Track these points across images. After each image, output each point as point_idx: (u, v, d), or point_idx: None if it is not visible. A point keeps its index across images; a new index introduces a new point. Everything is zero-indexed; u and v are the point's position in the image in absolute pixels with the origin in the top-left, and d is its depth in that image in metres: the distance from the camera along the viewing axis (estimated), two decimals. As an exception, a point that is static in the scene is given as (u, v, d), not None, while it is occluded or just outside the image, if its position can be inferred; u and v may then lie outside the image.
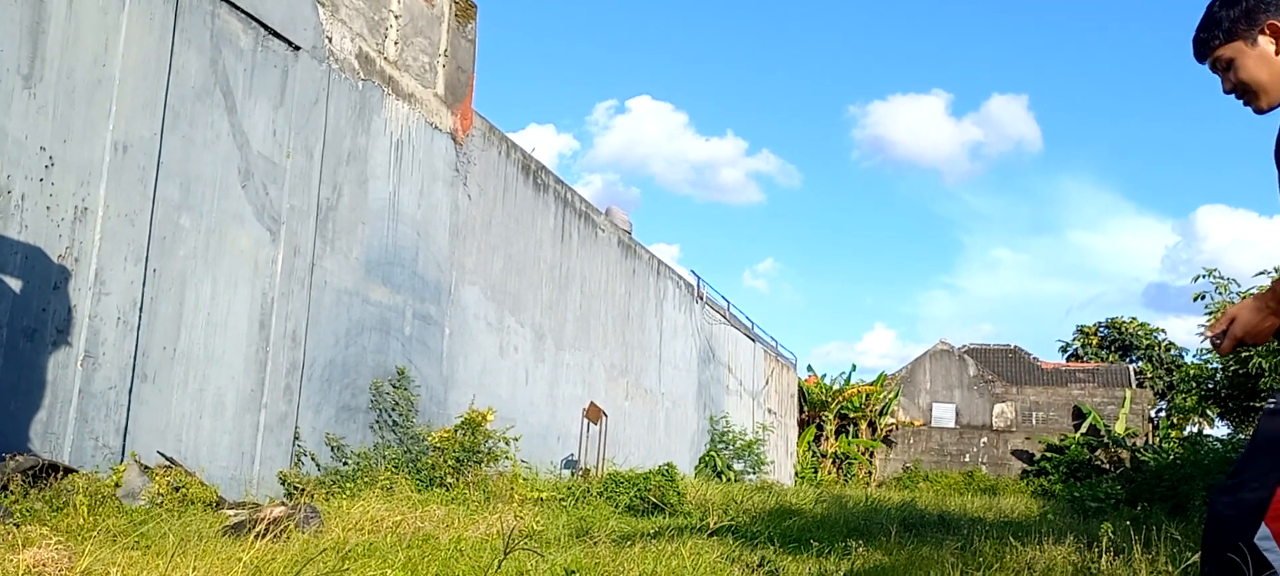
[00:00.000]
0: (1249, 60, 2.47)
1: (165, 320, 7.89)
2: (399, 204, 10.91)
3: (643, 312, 18.21)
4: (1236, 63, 2.49)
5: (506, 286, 13.30)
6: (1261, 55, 2.45)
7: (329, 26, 9.80)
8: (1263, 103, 2.50)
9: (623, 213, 18.19)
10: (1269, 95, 2.48)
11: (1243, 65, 2.48)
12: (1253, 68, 2.47)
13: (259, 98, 8.91)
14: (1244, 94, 2.53)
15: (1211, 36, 2.52)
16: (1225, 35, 2.49)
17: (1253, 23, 2.45)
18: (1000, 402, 34.32)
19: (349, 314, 10.07)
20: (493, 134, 13.07)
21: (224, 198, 8.50)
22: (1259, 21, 2.44)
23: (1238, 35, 2.48)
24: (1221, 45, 2.50)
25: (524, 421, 13.12)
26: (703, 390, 21.30)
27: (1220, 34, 2.50)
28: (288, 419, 9.13)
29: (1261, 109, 2.51)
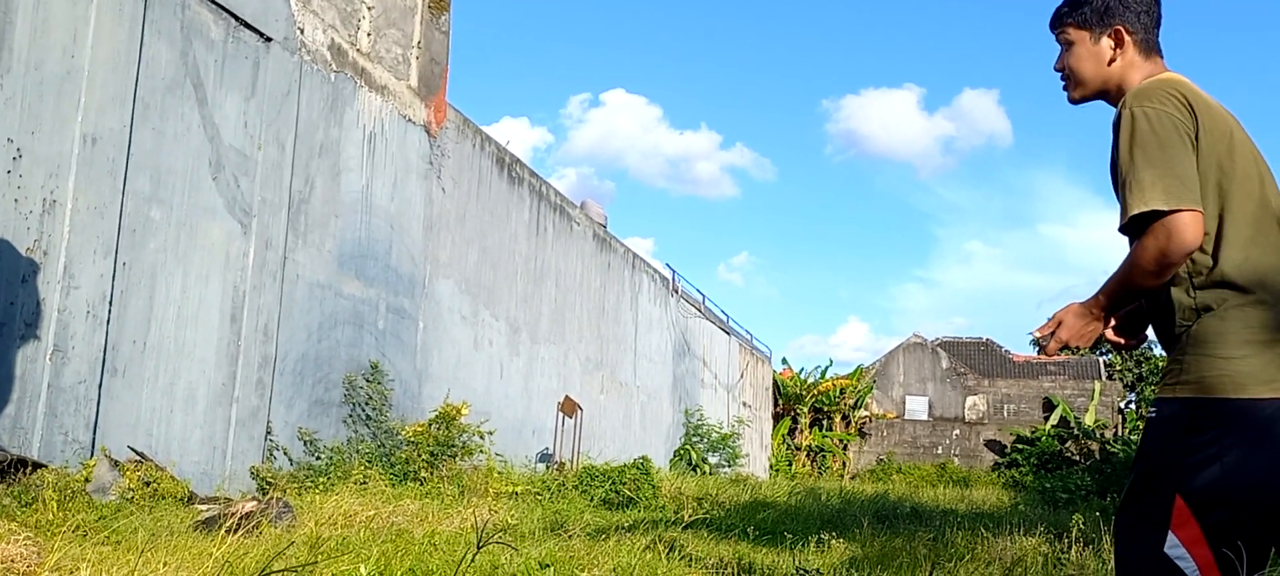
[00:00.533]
0: (1084, 50, 2.63)
1: (135, 314, 7.82)
2: (372, 197, 10.86)
3: (618, 306, 18.21)
4: (1075, 48, 2.65)
5: (481, 280, 13.26)
6: (1097, 53, 2.61)
7: (301, 18, 9.73)
8: (1076, 94, 2.67)
9: (598, 206, 18.18)
10: (1084, 89, 2.65)
11: (1078, 53, 2.64)
12: (1084, 59, 2.63)
13: (230, 89, 8.83)
14: (1067, 78, 2.69)
15: (1069, 13, 2.66)
16: (1080, 20, 2.63)
17: (1104, 22, 2.59)
18: (972, 395, 34.59)
19: (321, 307, 10.02)
20: (467, 127, 13.03)
21: (195, 190, 8.43)
22: (1109, 23, 2.59)
23: (1088, 24, 2.62)
24: (1071, 26, 2.65)
25: (498, 415, 13.10)
26: (678, 383, 21.34)
27: (1076, 16, 2.64)
28: (260, 413, 9.07)
29: (1073, 99, 2.69)
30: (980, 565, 5.32)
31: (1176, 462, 2.24)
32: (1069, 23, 2.66)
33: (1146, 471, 2.31)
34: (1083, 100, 2.68)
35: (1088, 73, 2.62)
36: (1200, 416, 2.25)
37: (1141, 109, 2.36)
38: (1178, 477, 2.22)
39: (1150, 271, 2.29)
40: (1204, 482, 2.19)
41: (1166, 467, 2.26)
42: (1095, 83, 2.62)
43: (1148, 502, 2.26)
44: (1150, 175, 2.27)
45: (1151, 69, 2.57)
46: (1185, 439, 2.25)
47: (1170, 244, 2.24)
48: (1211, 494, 2.19)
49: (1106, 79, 2.60)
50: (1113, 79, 2.59)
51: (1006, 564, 5.26)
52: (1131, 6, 2.58)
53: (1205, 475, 2.20)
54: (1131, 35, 2.57)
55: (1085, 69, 2.63)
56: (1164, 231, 2.24)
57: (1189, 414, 2.26)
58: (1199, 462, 2.21)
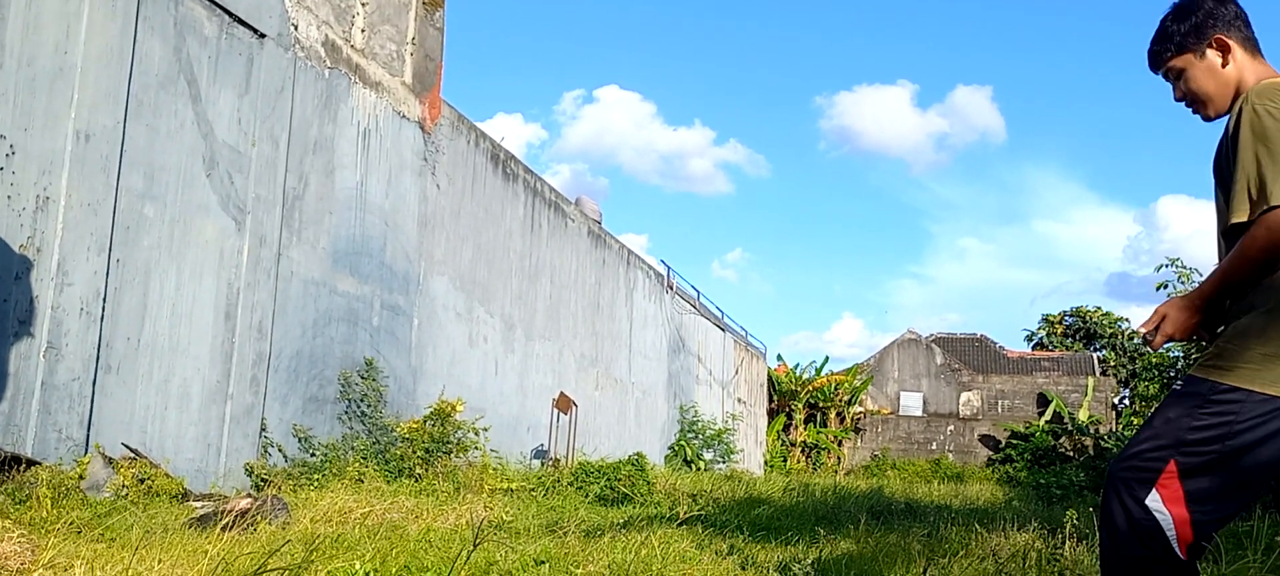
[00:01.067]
0: (1197, 71, 2.69)
1: (129, 311, 7.80)
2: (366, 193, 10.84)
3: (613, 303, 18.21)
4: (1186, 73, 2.71)
5: (476, 276, 13.25)
6: (1209, 67, 2.67)
7: (295, 14, 9.71)
8: (1209, 111, 2.71)
9: (593, 203, 18.17)
10: (1215, 104, 2.69)
11: (1192, 76, 2.70)
12: (1201, 79, 2.69)
13: (224, 86, 8.82)
14: (1193, 102, 2.74)
15: (1164, 49, 2.73)
16: (1176, 48, 2.71)
17: (1201, 37, 2.67)
18: (967, 391, 34.64)
19: (316, 304, 10.01)
20: (461, 123, 13.01)
21: (189, 187, 8.42)
22: (1207, 36, 2.66)
23: (1187, 49, 2.69)
24: (1173, 57, 2.73)
25: (493, 411, 13.09)
26: (673, 380, 21.35)
27: (1171, 47, 2.72)
28: (254, 410, 9.06)
29: (1208, 116, 2.73)
30: (974, 561, 5.33)
31: (1182, 431, 2.44)
32: (1169, 56, 2.73)
33: (1153, 432, 2.50)
34: (1220, 115, 2.70)
35: (1210, 89, 2.68)
36: (1217, 398, 2.43)
37: (1265, 106, 2.45)
38: (1178, 443, 2.43)
39: (1260, 262, 2.41)
40: (1200, 454, 2.41)
41: (1172, 433, 2.45)
42: (1222, 94, 2.68)
43: (1146, 458, 2.47)
44: (1272, 171, 2.38)
45: (1262, 69, 2.65)
46: (1199, 413, 2.44)
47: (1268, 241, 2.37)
48: (1201, 466, 2.41)
49: (1228, 85, 2.66)
50: (1232, 83, 2.66)
51: (1000, 559, 5.27)
52: (1221, 16, 2.67)
53: (1204, 449, 2.41)
54: (1233, 39, 2.66)
55: (1207, 86, 2.69)
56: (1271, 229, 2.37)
57: (1207, 393, 2.45)
58: (1202, 438, 2.42)
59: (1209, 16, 2.66)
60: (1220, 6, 2.69)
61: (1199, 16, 2.67)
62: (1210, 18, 2.66)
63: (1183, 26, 2.69)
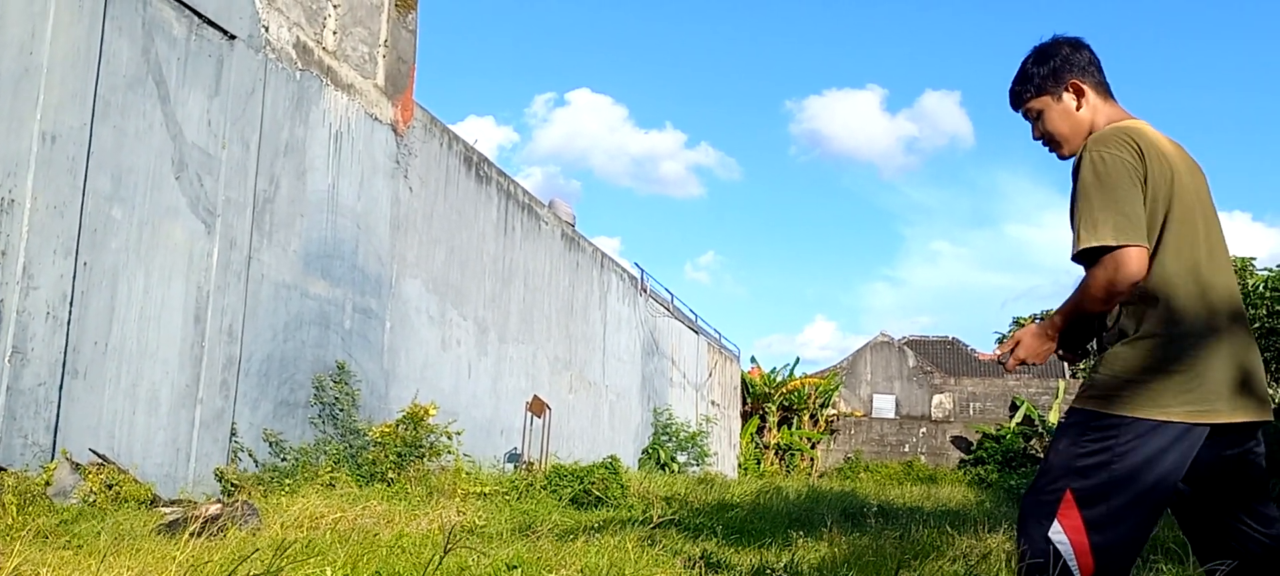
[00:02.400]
0: (1054, 113, 2.85)
1: (97, 314, 7.71)
2: (338, 196, 10.78)
3: (586, 305, 18.19)
4: (1044, 115, 2.87)
5: (449, 279, 13.20)
6: (1064, 110, 2.83)
7: (265, 15, 9.64)
8: (1064, 150, 2.87)
9: (566, 205, 18.15)
10: (1069, 144, 2.85)
11: (1049, 117, 2.86)
12: (1057, 120, 2.85)
13: (193, 87, 8.74)
14: (1049, 142, 2.91)
15: (1024, 89, 2.90)
16: (1035, 90, 2.87)
17: (1058, 81, 2.83)
18: (939, 393, 34.86)
19: (287, 307, 9.93)
20: (434, 126, 12.96)
21: (157, 189, 8.33)
22: (1064, 80, 2.82)
23: (1046, 91, 2.85)
24: (1032, 99, 2.88)
25: (466, 415, 13.04)
26: (647, 382, 21.35)
27: (1031, 88, 2.88)
28: (224, 414, 8.98)
29: (1063, 155, 2.88)
30: (946, 562, 5.36)
31: (1072, 459, 2.58)
32: (1029, 97, 2.89)
33: (1048, 465, 2.64)
34: (1073, 154, 2.83)
35: (1065, 130, 2.84)
36: (1098, 425, 2.57)
37: (1099, 152, 2.61)
38: (1069, 470, 2.56)
39: (1099, 299, 2.58)
40: (1091, 481, 2.53)
41: (1064, 464, 2.59)
42: (1076, 135, 2.83)
43: (1045, 492, 2.59)
44: (1102, 214, 2.54)
45: (1113, 111, 2.82)
46: (1083, 442, 2.58)
47: (1117, 275, 2.52)
48: (1095, 492, 2.52)
49: (1081, 128, 2.82)
50: (1085, 125, 2.82)
51: (971, 561, 5.31)
52: (1076, 62, 2.84)
53: (1094, 475, 2.53)
54: (1087, 83, 2.82)
55: (1062, 127, 2.84)
56: (1113, 263, 2.52)
57: (1089, 422, 2.59)
58: (1089, 465, 2.55)
59: (1066, 62, 2.82)
60: (1076, 53, 2.84)
61: (1057, 61, 2.82)
62: (1067, 63, 2.81)
63: (1042, 70, 2.84)
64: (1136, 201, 2.55)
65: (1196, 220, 2.67)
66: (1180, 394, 2.52)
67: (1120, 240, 2.50)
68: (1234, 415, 2.55)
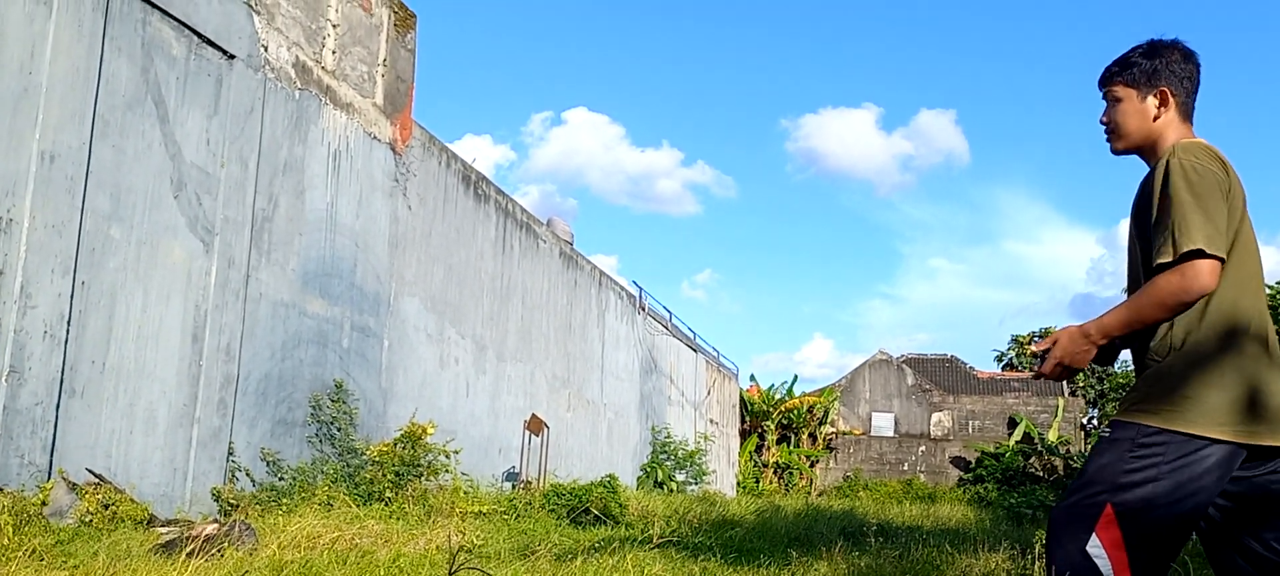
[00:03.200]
0: (1131, 108, 2.83)
1: (95, 334, 7.70)
2: (337, 215, 10.78)
3: (585, 323, 18.18)
4: (1122, 104, 2.85)
5: (447, 297, 13.19)
6: (1143, 110, 2.81)
7: (265, 35, 9.66)
8: (1119, 144, 2.88)
9: (564, 223, 18.16)
10: (1128, 142, 2.85)
11: (1125, 109, 2.84)
12: (1131, 115, 2.83)
13: (192, 107, 8.75)
14: (1111, 130, 2.90)
15: (1119, 73, 2.87)
16: (1129, 79, 2.84)
17: (1152, 82, 2.80)
18: (938, 411, 34.82)
19: (285, 326, 9.91)
20: (433, 144, 12.98)
21: (156, 208, 8.33)
22: (1156, 84, 2.79)
23: (1136, 84, 2.83)
24: (1120, 84, 2.86)
25: (464, 434, 13.01)
26: (645, 401, 21.31)
27: (1126, 76, 2.85)
28: (221, 433, 8.95)
29: (1116, 150, 2.90)
30: (946, 582, 5.34)
31: (1116, 474, 2.53)
32: (1119, 81, 2.86)
33: (1089, 479, 2.59)
34: (1125, 152, 2.88)
35: (1133, 127, 2.82)
36: (1147, 440, 2.53)
37: (1191, 161, 2.59)
38: (1113, 488, 2.52)
39: (1167, 306, 2.52)
40: (1134, 498, 2.49)
41: (1106, 478, 2.54)
42: (1139, 137, 2.82)
43: (1084, 504, 2.55)
44: (1197, 219, 2.50)
45: (1185, 132, 2.79)
46: (1129, 457, 2.53)
47: (1193, 284, 2.48)
48: (1137, 508, 2.48)
49: (1149, 134, 2.80)
50: (1154, 135, 2.80)
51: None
52: (1177, 72, 2.79)
53: (1138, 492, 2.49)
54: (1175, 98, 2.78)
55: (1131, 124, 2.82)
56: (1192, 271, 2.48)
57: (1137, 437, 2.54)
58: (1136, 480, 2.51)
59: (1168, 67, 2.78)
60: (1183, 64, 2.81)
61: (1161, 62, 2.79)
62: (1169, 69, 2.78)
63: (1145, 63, 2.81)
64: (1223, 215, 2.54)
65: (1255, 245, 2.69)
66: (1231, 412, 2.50)
67: (1211, 249, 2.47)
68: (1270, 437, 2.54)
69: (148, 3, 8.26)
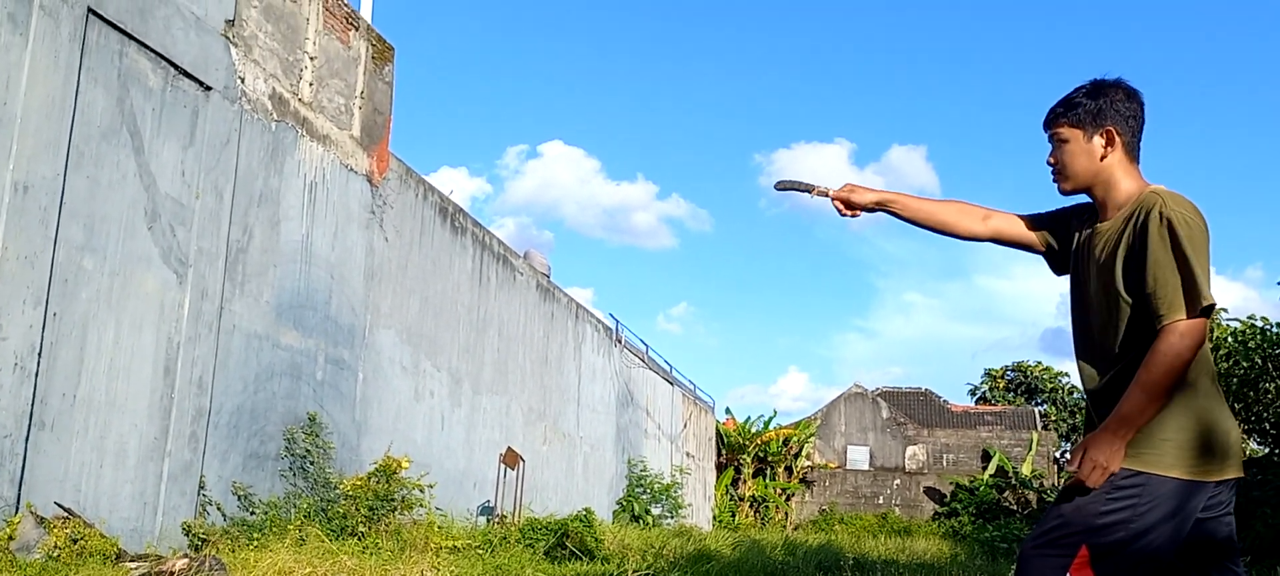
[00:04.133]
0: (1078, 148, 2.85)
1: (66, 366, 7.62)
2: (312, 246, 10.74)
3: (561, 356, 18.14)
4: (1068, 145, 2.87)
5: (423, 330, 13.14)
6: (1089, 150, 2.83)
7: (242, 67, 9.65)
8: (1067, 186, 2.90)
9: (541, 256, 18.15)
10: (1074, 182, 2.88)
11: (1071, 150, 2.86)
12: (1077, 156, 2.85)
13: (168, 138, 8.71)
14: (1058, 172, 2.91)
15: (1064, 113, 2.88)
16: (1074, 120, 2.86)
17: (1097, 122, 2.82)
18: (912, 444, 34.90)
19: (258, 358, 9.84)
20: (410, 176, 12.97)
21: (129, 239, 8.27)
22: (1102, 124, 2.81)
23: (1082, 124, 2.84)
24: (1066, 125, 2.87)
25: (439, 467, 12.93)
26: (621, 434, 21.26)
27: (1071, 117, 2.86)
28: (192, 467, 8.86)
29: (1063, 191, 2.92)
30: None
31: (1092, 515, 2.56)
32: (1064, 122, 2.87)
33: (1063, 518, 2.62)
34: (1073, 193, 2.90)
35: (1080, 168, 2.84)
36: (1123, 483, 2.56)
37: (1187, 216, 2.60)
38: (1088, 528, 2.56)
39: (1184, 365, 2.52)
40: (1108, 538, 2.54)
41: (1082, 519, 2.57)
42: (1086, 178, 2.84)
43: (1057, 542, 2.59)
44: (1202, 277, 2.53)
45: (1132, 171, 2.81)
46: (1104, 498, 2.56)
47: (1191, 342, 2.51)
48: (1112, 548, 2.53)
49: (1097, 174, 2.82)
50: (1102, 175, 2.81)
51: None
52: (1121, 111, 2.81)
53: (1113, 533, 2.54)
54: (1121, 137, 2.80)
55: (1078, 165, 2.84)
56: (1200, 330, 2.52)
57: (1117, 479, 2.57)
58: (1111, 522, 2.54)
59: (1113, 106, 2.80)
60: (1127, 103, 2.82)
61: (1105, 102, 2.81)
62: (1114, 108, 2.80)
63: (1089, 103, 2.82)
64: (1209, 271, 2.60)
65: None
66: (1199, 453, 2.55)
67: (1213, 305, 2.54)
68: (1235, 472, 2.60)
69: (125, 34, 8.24)
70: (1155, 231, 2.60)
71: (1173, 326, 2.53)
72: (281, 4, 10.37)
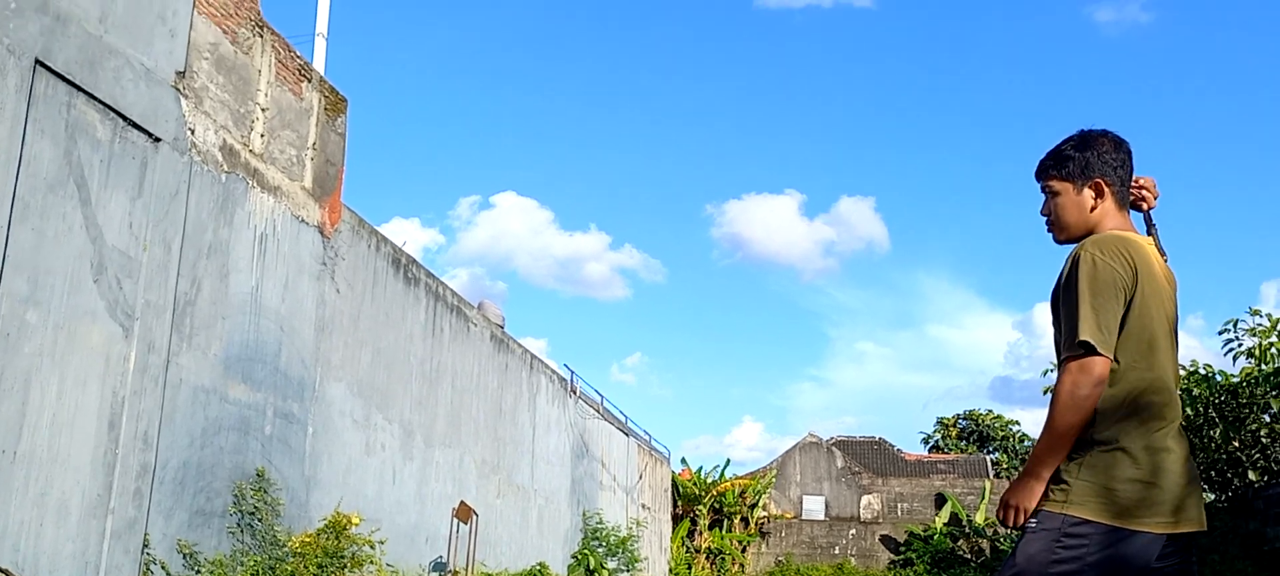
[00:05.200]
0: (1068, 201, 2.93)
1: (7, 421, 7.46)
2: (262, 298, 10.64)
3: (515, 408, 18.05)
4: (1060, 198, 2.95)
5: (375, 382, 13.03)
6: (1080, 203, 2.91)
7: (192, 118, 9.61)
8: (1061, 237, 2.97)
9: (495, 306, 18.10)
10: (1067, 233, 2.94)
11: (1062, 203, 2.94)
12: (1068, 209, 2.93)
13: (116, 189, 8.63)
14: (1052, 223, 2.98)
15: (1053, 167, 2.96)
16: (1064, 173, 2.93)
17: (1086, 174, 2.90)
18: (867, 493, 35.01)
19: (206, 413, 9.70)
20: (362, 227, 12.93)
21: (75, 292, 8.15)
22: (1090, 176, 2.89)
23: (1072, 177, 2.92)
24: (1056, 178, 2.95)
25: (390, 522, 12.76)
26: (576, 486, 21.13)
27: (1061, 171, 2.94)
28: (137, 525, 8.68)
29: (1058, 241, 2.98)
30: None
31: (1044, 564, 2.59)
32: (1054, 175, 2.95)
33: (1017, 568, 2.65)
34: (1066, 242, 2.96)
35: (1072, 220, 2.92)
36: (1072, 532, 2.60)
37: (1096, 256, 2.68)
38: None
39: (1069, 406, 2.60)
40: None
41: (1034, 567, 2.61)
42: (1079, 229, 2.91)
43: None
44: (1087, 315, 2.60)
45: (1122, 221, 2.88)
46: (1055, 547, 2.60)
47: (1082, 378, 2.57)
48: None
49: (1088, 225, 2.89)
50: (1093, 225, 2.89)
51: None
52: (1109, 161, 2.88)
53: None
54: (1110, 188, 2.87)
55: (1070, 217, 2.92)
56: (1079, 368, 2.59)
57: (1063, 528, 2.61)
58: (1062, 571, 2.57)
59: (1101, 158, 2.88)
60: (1114, 153, 2.90)
61: (1093, 155, 2.89)
62: (1101, 160, 2.88)
63: (1078, 156, 2.90)
64: (1116, 315, 2.62)
65: (1171, 338, 2.76)
66: (1151, 504, 2.58)
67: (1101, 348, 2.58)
68: (1190, 525, 2.63)
69: (73, 86, 8.18)
70: (1064, 273, 2.72)
71: (1066, 365, 2.62)
72: (233, 56, 10.36)
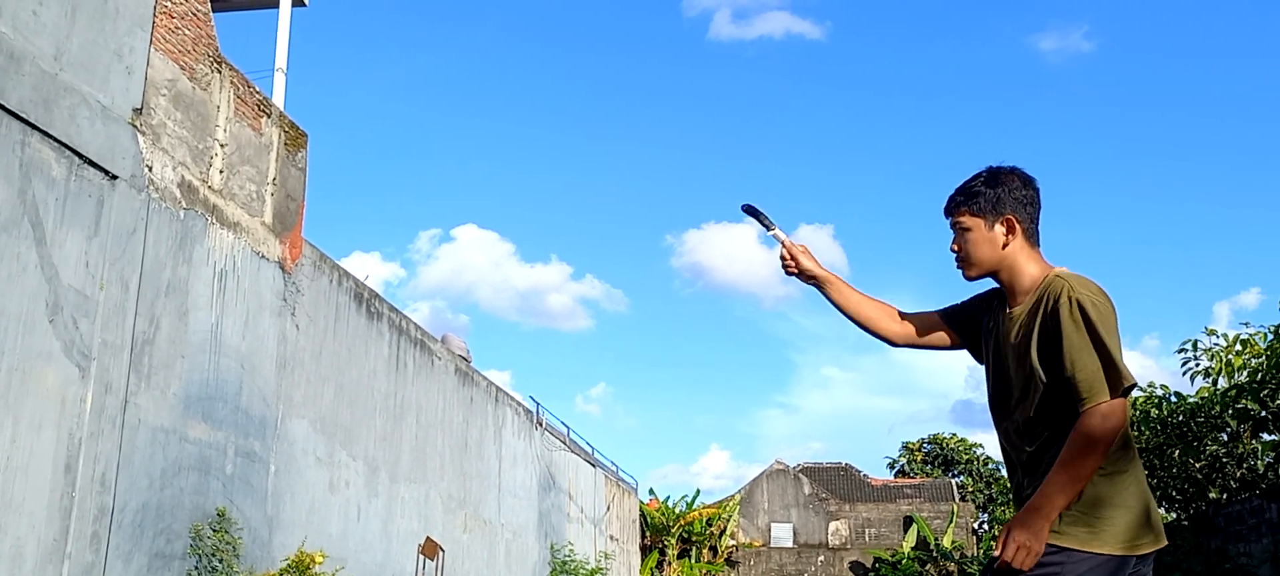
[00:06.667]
0: (980, 237, 2.91)
1: (-43, 467, 7.28)
2: (222, 336, 10.50)
3: (481, 441, 17.91)
4: (971, 234, 2.93)
5: (338, 418, 12.88)
6: (991, 238, 2.89)
7: (150, 155, 9.50)
8: (971, 273, 2.97)
9: (459, 340, 18.00)
10: (979, 270, 2.94)
11: (974, 238, 2.92)
12: (980, 244, 2.91)
13: (71, 228, 8.50)
14: (962, 259, 2.98)
15: (963, 202, 2.95)
16: (974, 209, 2.92)
17: (997, 210, 2.88)
18: (835, 520, 35.05)
19: (165, 453, 9.54)
20: (323, 262, 12.82)
21: (29, 334, 8.00)
22: (1002, 212, 2.88)
23: (983, 213, 2.90)
24: (966, 214, 2.94)
25: (356, 560, 12.59)
26: (544, 519, 20.98)
27: (971, 206, 2.92)
28: (94, 569, 8.49)
29: (968, 277, 2.99)
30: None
31: None
32: (964, 211, 2.93)
33: None
34: (977, 278, 2.97)
35: (984, 255, 2.91)
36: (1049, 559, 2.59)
37: (1091, 298, 2.65)
38: None
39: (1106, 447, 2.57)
40: None
41: None
42: (990, 265, 2.91)
43: None
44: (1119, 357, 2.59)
45: (1034, 255, 2.88)
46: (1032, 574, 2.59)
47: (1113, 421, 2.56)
48: None
49: (1000, 261, 2.88)
50: (1006, 261, 2.88)
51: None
52: (1020, 198, 2.88)
53: None
54: (1021, 224, 2.87)
55: (981, 253, 2.91)
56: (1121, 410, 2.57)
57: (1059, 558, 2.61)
58: None
59: (1012, 195, 2.88)
60: (1024, 189, 2.90)
61: (1004, 191, 2.88)
62: (1012, 196, 2.88)
63: (988, 192, 2.89)
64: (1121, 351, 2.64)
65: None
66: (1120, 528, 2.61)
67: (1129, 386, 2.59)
68: (1152, 545, 2.66)
69: (28, 124, 8.07)
70: (1067, 317, 2.66)
71: (1095, 409, 2.58)
72: (191, 92, 10.27)
